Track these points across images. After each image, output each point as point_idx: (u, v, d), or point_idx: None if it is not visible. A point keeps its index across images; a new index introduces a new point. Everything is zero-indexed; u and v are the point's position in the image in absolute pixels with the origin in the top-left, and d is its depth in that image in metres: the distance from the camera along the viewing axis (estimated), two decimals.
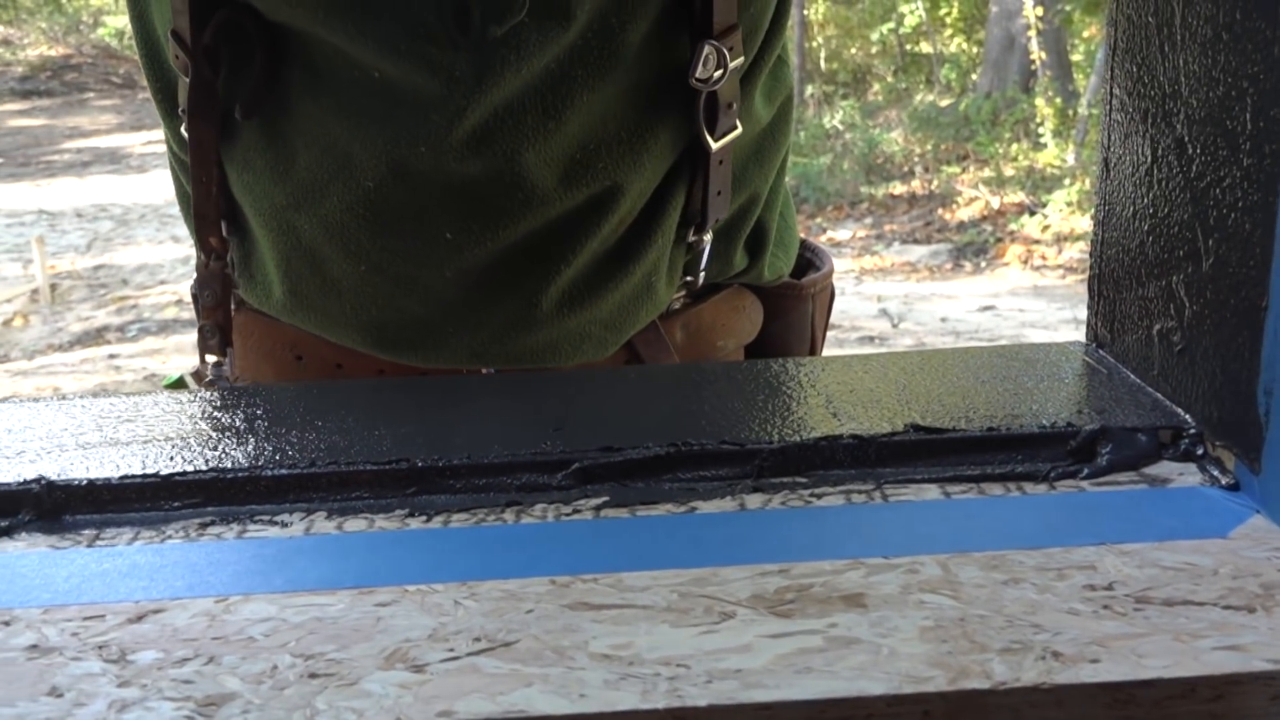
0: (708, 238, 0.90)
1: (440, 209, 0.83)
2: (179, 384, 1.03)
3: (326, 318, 0.90)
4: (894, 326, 5.56)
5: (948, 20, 11.74)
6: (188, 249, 7.93)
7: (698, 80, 0.83)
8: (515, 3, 0.76)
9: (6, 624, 0.49)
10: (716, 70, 0.83)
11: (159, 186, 10.25)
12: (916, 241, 7.38)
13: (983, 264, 6.93)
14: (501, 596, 0.50)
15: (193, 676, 0.45)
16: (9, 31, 19.52)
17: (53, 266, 7.34)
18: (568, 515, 0.57)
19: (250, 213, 0.89)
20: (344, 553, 0.54)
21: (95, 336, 6.05)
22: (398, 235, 0.84)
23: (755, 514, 0.56)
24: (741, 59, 0.84)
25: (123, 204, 9.70)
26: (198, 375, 1.04)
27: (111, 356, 5.60)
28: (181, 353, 5.47)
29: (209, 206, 0.89)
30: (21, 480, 0.60)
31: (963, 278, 6.72)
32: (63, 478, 0.60)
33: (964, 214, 7.77)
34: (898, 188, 8.44)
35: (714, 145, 0.86)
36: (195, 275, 0.98)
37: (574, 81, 0.80)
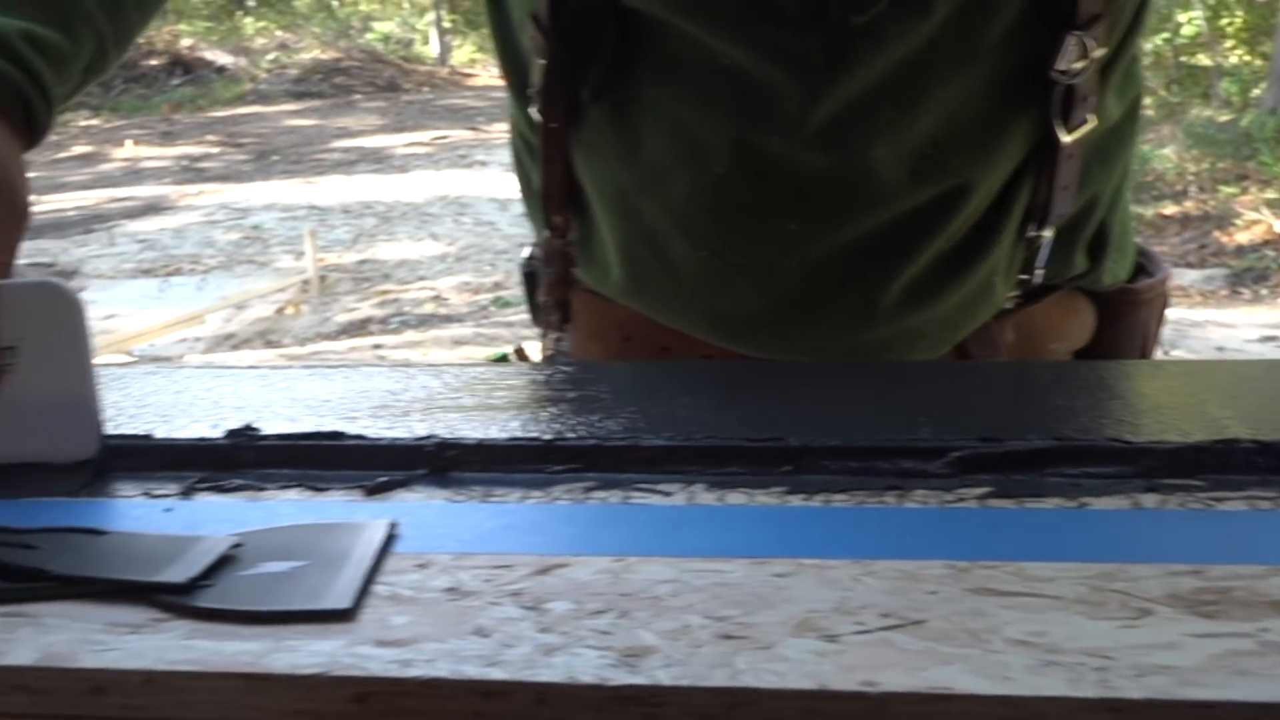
0: (1048, 234, 0.88)
1: (786, 199, 0.83)
2: (503, 361, 1.08)
3: (664, 301, 0.92)
4: (1165, 354, 5.30)
5: (1229, 31, 11.09)
6: (445, 247, 8.33)
7: (1057, 72, 0.80)
8: None
9: (422, 567, 0.52)
10: (1078, 62, 0.80)
11: (419, 186, 10.75)
12: (1189, 265, 7.01)
13: (1263, 291, 6.52)
14: (899, 576, 0.50)
15: (609, 628, 0.47)
16: (286, 36, 20.86)
17: (322, 259, 7.79)
18: (951, 503, 0.56)
19: (593, 195, 0.92)
20: (730, 523, 0.55)
21: (360, 327, 6.39)
22: (741, 223, 0.85)
23: (1154, 513, 0.54)
24: (1103, 50, 0.82)
25: (385, 202, 10.22)
26: (519, 353, 1.08)
27: (376, 346, 5.91)
28: (440, 346, 5.71)
29: (556, 186, 0.92)
30: (415, 437, 0.63)
31: (1240, 305, 6.34)
32: (453, 436, 0.63)
33: (1243, 237, 7.33)
34: (1169, 208, 8.03)
35: (1067, 139, 0.83)
36: (530, 256, 1.02)
37: (930, 74, 0.79)
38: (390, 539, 0.55)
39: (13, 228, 0.67)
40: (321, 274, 7.51)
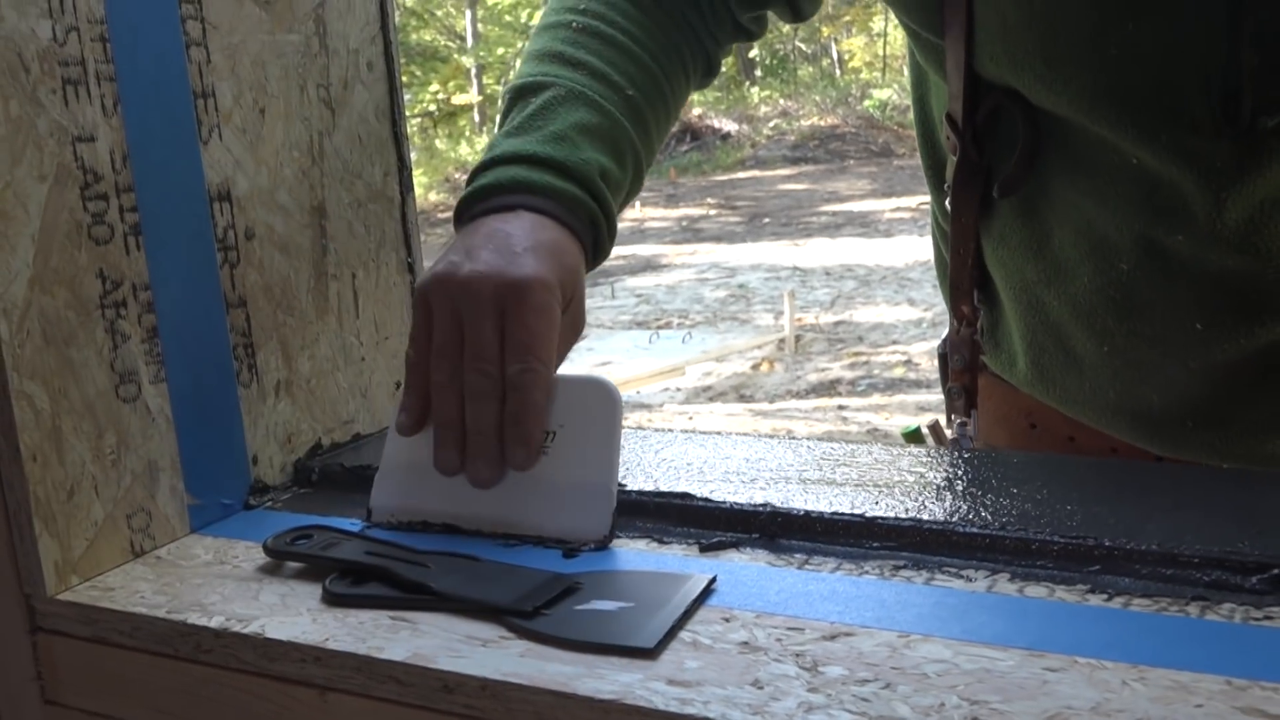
0: None
1: (1193, 299, 0.82)
2: (915, 434, 1.12)
3: (1065, 393, 0.92)
4: None
5: None
6: (921, 312, 8.33)
7: None
8: None
9: (726, 620, 0.59)
10: None
11: (901, 251, 10.81)
12: None
13: None
14: (1171, 686, 0.50)
15: (870, 697, 0.51)
16: (788, 104, 21.73)
17: (800, 319, 8.04)
18: (1257, 620, 0.55)
19: (1001, 286, 0.94)
20: (1021, 614, 0.57)
21: (828, 388, 6.53)
22: (1145, 320, 0.84)
23: None
24: None
25: (866, 265, 10.37)
26: (934, 429, 1.12)
27: (840, 408, 6.01)
28: (904, 411, 5.72)
29: (963, 277, 0.95)
30: (752, 504, 0.70)
31: None
32: (784, 506, 0.69)
33: None
34: None
35: None
36: (945, 338, 1.05)
37: None
38: (707, 592, 0.62)
39: (573, 339, 0.78)
40: (798, 333, 7.76)
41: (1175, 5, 0.74)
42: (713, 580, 0.63)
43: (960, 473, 0.74)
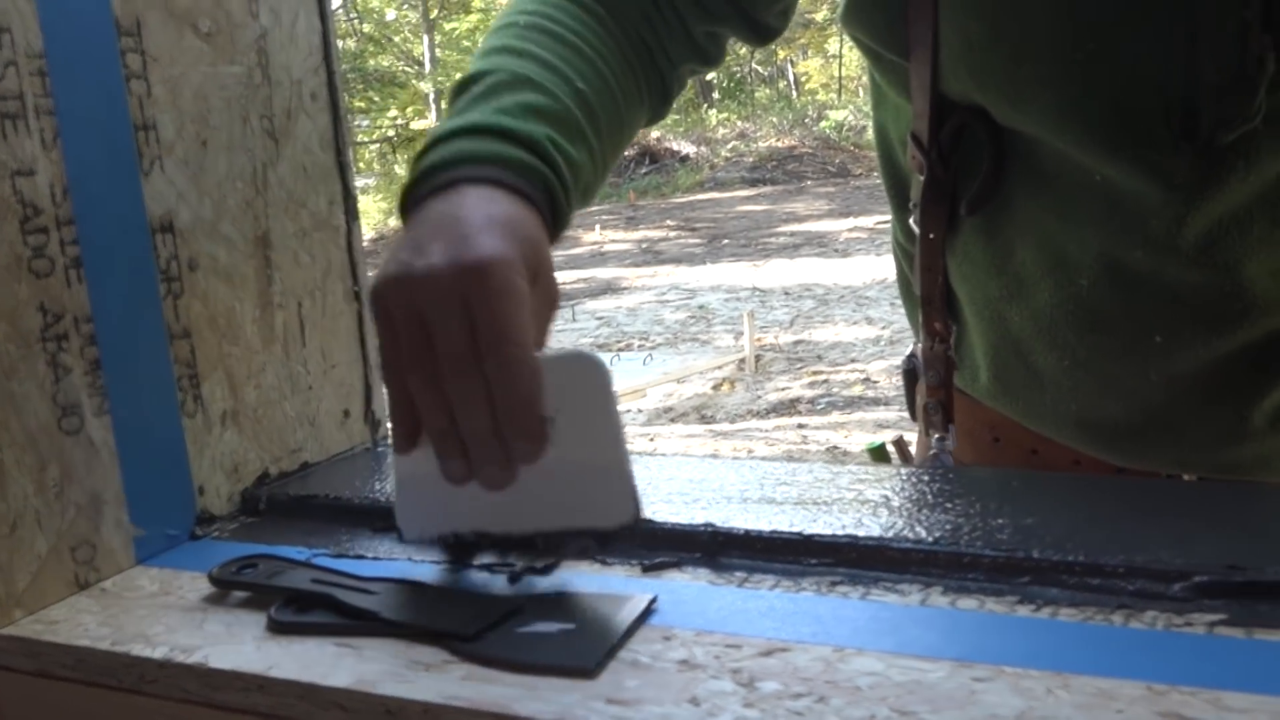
0: None
1: (1152, 312, 0.83)
2: (880, 450, 1.13)
3: (1028, 406, 0.94)
4: None
5: None
6: (879, 330, 8.40)
7: None
8: (1249, 108, 0.74)
9: (666, 639, 0.60)
10: None
11: (859, 270, 10.88)
12: None
13: None
14: (1094, 693, 0.51)
15: (804, 710, 0.52)
16: (745, 126, 21.85)
17: (759, 339, 8.08)
18: (1178, 626, 0.56)
19: (964, 301, 0.96)
20: (952, 627, 0.58)
21: (788, 407, 6.55)
22: (1105, 334, 0.86)
23: None
24: None
25: (825, 285, 10.42)
26: (899, 444, 1.13)
27: (800, 426, 6.04)
28: (863, 429, 5.75)
29: (934, 293, 0.96)
30: (694, 524, 0.71)
31: None
32: (725, 525, 0.70)
33: None
34: None
35: None
36: (910, 355, 1.06)
37: None
38: (648, 612, 0.63)
39: (550, 313, 0.70)
40: (758, 353, 7.79)
41: (1136, 25, 0.75)
42: (653, 600, 0.64)
43: (896, 489, 0.75)
